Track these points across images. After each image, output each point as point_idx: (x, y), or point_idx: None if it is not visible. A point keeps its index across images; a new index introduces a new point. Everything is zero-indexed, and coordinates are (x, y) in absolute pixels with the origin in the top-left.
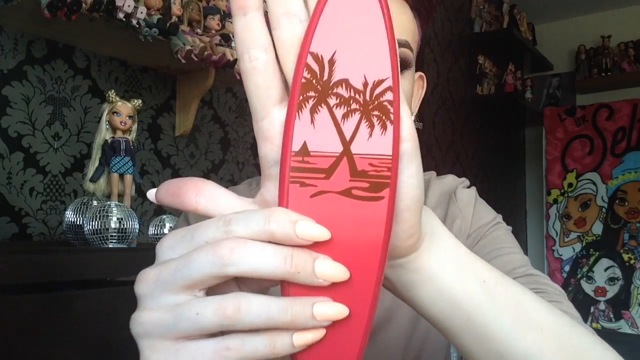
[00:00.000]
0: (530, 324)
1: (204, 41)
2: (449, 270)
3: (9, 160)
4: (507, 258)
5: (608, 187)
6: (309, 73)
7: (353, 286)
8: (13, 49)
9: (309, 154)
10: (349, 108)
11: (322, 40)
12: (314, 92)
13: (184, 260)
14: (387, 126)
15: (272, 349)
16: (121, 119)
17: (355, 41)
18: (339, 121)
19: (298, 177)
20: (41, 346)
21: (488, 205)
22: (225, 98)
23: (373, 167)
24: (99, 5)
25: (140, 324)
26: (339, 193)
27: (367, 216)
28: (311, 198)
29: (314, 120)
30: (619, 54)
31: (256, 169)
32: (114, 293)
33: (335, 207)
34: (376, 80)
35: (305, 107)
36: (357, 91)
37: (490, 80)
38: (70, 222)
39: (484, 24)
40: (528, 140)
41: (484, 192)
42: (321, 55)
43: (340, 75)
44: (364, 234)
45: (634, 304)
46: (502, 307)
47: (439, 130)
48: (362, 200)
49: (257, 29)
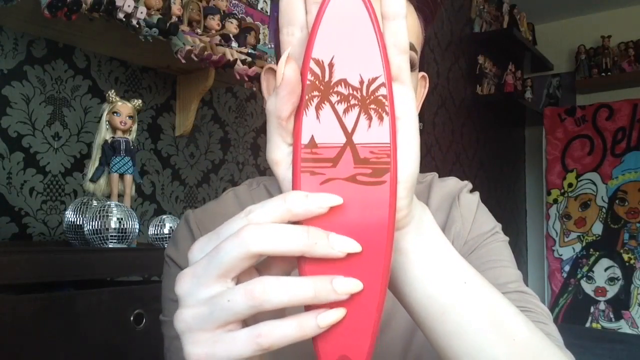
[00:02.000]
0: (504, 333)
1: (204, 41)
2: (431, 262)
3: (9, 160)
4: (500, 271)
5: (608, 187)
6: (312, 75)
7: (365, 264)
8: (13, 49)
9: (317, 146)
10: (348, 104)
11: (321, 46)
12: (318, 92)
13: (213, 252)
14: (383, 117)
15: (300, 332)
16: (121, 119)
17: (350, 45)
18: (341, 115)
19: (308, 167)
20: (41, 346)
21: (489, 213)
22: (225, 98)
23: (374, 155)
24: (99, 5)
25: (181, 321)
26: (345, 179)
27: (372, 199)
28: (321, 185)
29: (319, 116)
30: (619, 54)
31: (256, 169)
32: (114, 293)
33: (343, 192)
34: (371, 78)
35: (310, 105)
36: (355, 88)
37: (490, 80)
38: (70, 222)
39: (484, 24)
40: (528, 140)
41: (484, 192)
42: (322, 60)
43: (340, 76)
44: (370, 215)
45: (634, 304)
46: (477, 311)
47: (439, 130)
48: (366, 185)
49: (298, 8)
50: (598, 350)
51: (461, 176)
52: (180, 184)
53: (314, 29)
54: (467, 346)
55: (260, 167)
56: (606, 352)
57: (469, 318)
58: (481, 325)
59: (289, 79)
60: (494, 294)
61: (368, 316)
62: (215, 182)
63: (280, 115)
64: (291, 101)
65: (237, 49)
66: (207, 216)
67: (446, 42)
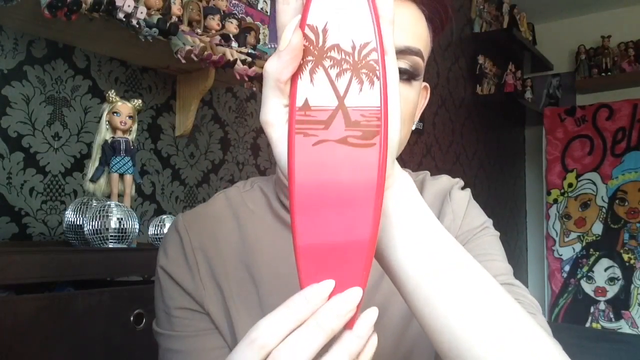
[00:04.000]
0: (482, 305)
1: (204, 41)
2: (411, 224)
3: (9, 160)
4: (490, 264)
5: (608, 187)
6: (307, 41)
7: (356, 222)
8: (13, 49)
9: (310, 108)
10: (341, 68)
11: (316, 13)
12: (312, 57)
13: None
14: (374, 82)
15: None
16: (121, 119)
17: (343, 12)
18: (334, 79)
19: (302, 128)
20: (41, 346)
21: (480, 209)
22: (225, 98)
23: (364, 118)
24: (99, 5)
25: None
26: (336, 141)
27: (362, 160)
28: (313, 146)
29: (312, 80)
30: (619, 54)
31: (256, 169)
32: (114, 293)
33: (334, 153)
34: (362, 43)
35: (305, 69)
36: (347, 53)
37: (490, 80)
38: (70, 222)
39: (484, 24)
40: (528, 140)
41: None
42: (316, 26)
43: (333, 42)
44: (361, 176)
45: (634, 304)
46: (454, 278)
47: (439, 130)
48: (357, 147)
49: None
50: (598, 350)
51: (461, 176)
52: (180, 184)
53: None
54: (439, 315)
55: (260, 167)
56: (606, 352)
57: (444, 284)
58: (457, 294)
59: (295, 45)
60: (473, 264)
61: (357, 276)
62: (215, 182)
63: (280, 78)
64: (293, 65)
65: (237, 49)
66: (196, 219)
67: (446, 42)
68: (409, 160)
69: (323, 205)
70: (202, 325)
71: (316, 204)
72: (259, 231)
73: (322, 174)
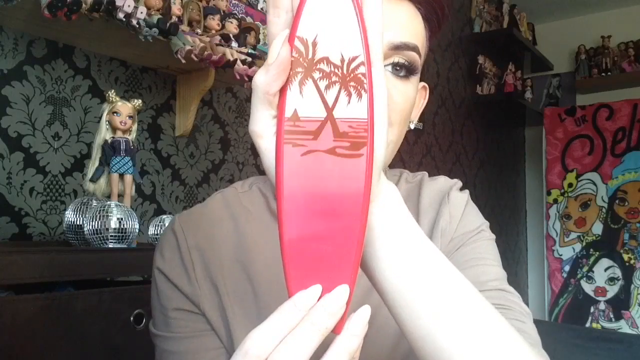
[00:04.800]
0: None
1: (204, 41)
2: (394, 237)
3: (9, 160)
4: (483, 269)
5: (608, 187)
6: (297, 53)
7: (342, 233)
8: (13, 49)
9: (299, 119)
10: (330, 80)
11: (306, 26)
12: (301, 68)
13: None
14: (362, 94)
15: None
16: (121, 119)
17: (333, 26)
18: (323, 91)
19: (291, 139)
20: (41, 346)
21: (477, 211)
22: (225, 98)
23: (352, 129)
24: (99, 5)
25: None
26: (325, 152)
27: (349, 170)
28: (302, 156)
29: (302, 91)
30: (619, 54)
31: (256, 169)
32: (114, 293)
33: (323, 163)
34: (351, 57)
35: (294, 80)
36: (336, 66)
37: (490, 80)
38: (70, 222)
39: (484, 24)
40: (528, 140)
41: (484, 191)
42: (306, 39)
43: (322, 54)
44: (348, 186)
45: (634, 304)
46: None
47: (439, 130)
48: (344, 157)
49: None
50: (598, 350)
51: (461, 176)
52: (180, 184)
53: (300, 10)
54: (421, 325)
55: (260, 167)
56: (606, 352)
57: (426, 296)
58: (438, 305)
59: (283, 59)
60: (457, 278)
61: (346, 268)
62: (215, 182)
63: (268, 91)
64: (281, 79)
65: (237, 49)
66: (192, 219)
67: (446, 42)
68: (409, 160)
69: (311, 214)
70: (199, 326)
71: (304, 213)
72: (256, 231)
73: (310, 183)
